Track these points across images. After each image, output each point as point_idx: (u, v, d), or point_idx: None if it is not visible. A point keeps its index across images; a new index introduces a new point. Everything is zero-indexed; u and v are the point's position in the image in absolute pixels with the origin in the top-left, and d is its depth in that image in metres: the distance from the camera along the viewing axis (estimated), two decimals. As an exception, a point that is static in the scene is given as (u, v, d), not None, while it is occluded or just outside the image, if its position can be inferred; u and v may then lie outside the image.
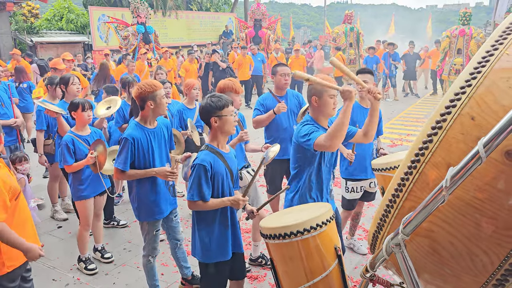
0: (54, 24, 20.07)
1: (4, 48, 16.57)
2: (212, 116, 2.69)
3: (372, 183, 4.13)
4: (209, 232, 2.76)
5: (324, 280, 2.25)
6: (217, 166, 2.71)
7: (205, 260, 2.81)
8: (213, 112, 2.69)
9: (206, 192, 2.65)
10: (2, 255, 2.62)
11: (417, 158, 1.76)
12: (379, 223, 1.99)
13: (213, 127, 2.74)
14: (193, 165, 2.70)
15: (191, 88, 4.94)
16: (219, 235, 2.77)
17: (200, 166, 2.64)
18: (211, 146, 2.77)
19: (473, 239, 1.66)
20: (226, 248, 2.80)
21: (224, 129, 2.75)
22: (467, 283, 1.76)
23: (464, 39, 12.63)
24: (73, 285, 3.90)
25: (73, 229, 4.93)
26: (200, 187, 2.64)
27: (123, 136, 3.24)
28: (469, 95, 1.66)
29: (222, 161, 2.75)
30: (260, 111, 4.40)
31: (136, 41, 13.01)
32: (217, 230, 2.77)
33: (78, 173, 3.95)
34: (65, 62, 7.61)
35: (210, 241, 2.75)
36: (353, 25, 15.62)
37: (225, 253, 2.80)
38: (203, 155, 2.71)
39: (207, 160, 2.66)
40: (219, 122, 2.71)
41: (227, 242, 2.80)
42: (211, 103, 2.70)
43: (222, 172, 2.74)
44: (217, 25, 24.57)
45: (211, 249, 2.76)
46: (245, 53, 12.88)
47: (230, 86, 3.80)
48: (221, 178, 2.74)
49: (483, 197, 1.61)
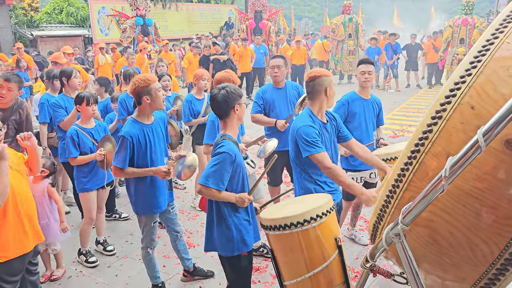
0: (54, 17, 19.99)
1: (4, 42, 16.53)
2: (236, 104, 2.68)
3: (373, 173, 4.12)
4: (232, 224, 2.69)
5: (325, 271, 2.26)
6: (239, 157, 2.67)
7: (230, 253, 2.73)
8: (237, 100, 2.68)
9: (225, 183, 2.59)
10: None
11: (417, 148, 1.75)
12: (379, 213, 2.00)
13: (232, 115, 2.70)
14: (217, 151, 2.60)
15: (200, 79, 4.92)
16: (243, 227, 2.72)
17: (228, 155, 2.56)
18: (229, 136, 2.71)
19: (473, 229, 1.66)
20: (251, 237, 2.77)
21: (241, 116, 2.77)
22: (467, 272, 1.76)
23: (466, 29, 12.54)
24: (75, 278, 3.93)
25: (75, 222, 4.95)
26: (222, 176, 2.56)
27: (120, 134, 3.19)
28: (469, 84, 1.65)
29: (239, 151, 2.73)
30: (259, 104, 4.39)
31: (134, 33, 12.96)
32: (241, 222, 2.72)
33: (83, 165, 3.97)
34: (66, 56, 7.60)
35: (238, 232, 2.69)
36: (352, 16, 15.51)
37: (251, 242, 2.78)
38: (228, 144, 2.62)
39: (234, 151, 2.60)
40: (239, 110, 2.71)
41: (250, 233, 2.76)
42: (234, 91, 2.69)
43: (242, 163, 2.71)
44: (217, 17, 24.43)
45: (239, 240, 2.70)
46: (246, 45, 12.81)
47: (227, 77, 3.81)
48: (242, 170, 2.70)
49: (483, 186, 1.60)
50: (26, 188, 2.81)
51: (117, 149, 3.19)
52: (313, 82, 3.01)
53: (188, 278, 3.80)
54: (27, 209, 2.76)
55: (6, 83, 4.23)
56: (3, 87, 4.23)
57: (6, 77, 4.24)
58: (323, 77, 3.01)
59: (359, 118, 3.97)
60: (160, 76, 5.49)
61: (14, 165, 2.73)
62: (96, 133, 4.03)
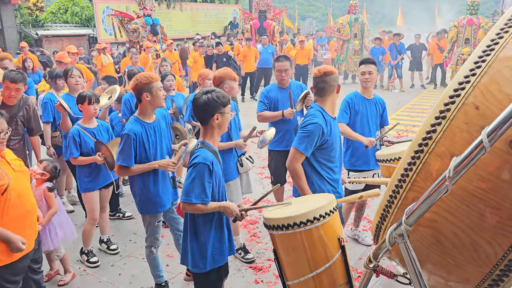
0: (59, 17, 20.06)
1: (10, 41, 16.61)
2: (216, 113, 2.53)
3: (376, 174, 4.11)
4: (206, 239, 2.58)
5: (328, 271, 2.25)
6: (216, 166, 2.56)
7: (202, 269, 2.61)
8: (218, 108, 2.52)
9: (208, 195, 2.47)
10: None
11: (420, 148, 1.75)
12: (383, 213, 1.99)
13: (212, 124, 2.56)
14: (194, 163, 2.48)
15: (205, 79, 4.91)
16: (217, 240, 2.63)
17: (204, 166, 2.44)
18: (207, 144, 2.59)
19: (477, 230, 1.65)
20: (224, 252, 2.67)
21: (223, 127, 2.61)
22: (471, 273, 1.75)
23: (472, 29, 12.47)
24: (79, 276, 3.94)
25: (79, 221, 4.97)
26: (203, 189, 2.45)
27: (124, 132, 3.18)
28: (473, 84, 1.64)
29: (218, 161, 2.61)
30: (264, 104, 4.41)
31: (145, 33, 13.02)
32: (214, 236, 2.61)
33: (84, 165, 3.97)
34: (70, 55, 7.63)
35: (209, 248, 2.58)
36: (358, 16, 15.47)
37: (223, 258, 2.67)
38: (204, 153, 2.50)
39: (210, 159, 2.48)
40: (220, 119, 2.55)
41: (223, 246, 2.66)
42: (217, 98, 2.52)
43: (219, 173, 2.61)
44: (221, 17, 24.45)
45: (209, 257, 2.59)
46: (250, 44, 12.80)
47: (228, 74, 3.86)
48: (218, 180, 2.59)
49: (487, 187, 1.60)
50: (28, 189, 2.81)
51: (121, 147, 3.17)
52: (329, 77, 2.98)
53: (191, 277, 3.79)
54: (29, 210, 2.77)
55: (14, 85, 4.23)
56: (11, 89, 4.24)
57: (12, 79, 4.23)
58: (336, 74, 3.04)
59: (362, 117, 3.96)
60: (164, 76, 5.50)
61: (16, 167, 2.74)
62: (98, 133, 4.04)
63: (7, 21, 16.69)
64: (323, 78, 2.98)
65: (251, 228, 4.73)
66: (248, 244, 4.33)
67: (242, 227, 4.67)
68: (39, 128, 4.75)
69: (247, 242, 4.33)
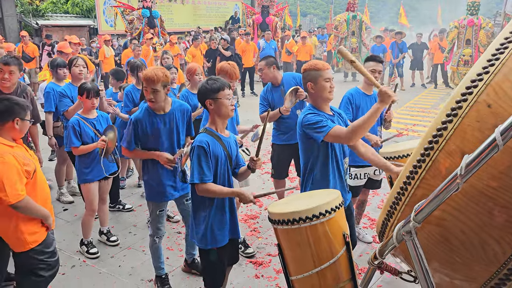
0: (60, 7, 19.92)
1: (10, 30, 16.51)
2: (207, 99, 2.70)
3: (377, 170, 4.10)
4: (206, 217, 2.74)
5: (332, 267, 2.25)
6: (215, 148, 2.69)
7: (204, 246, 2.79)
8: (208, 94, 2.69)
9: (207, 174, 2.62)
10: (23, 233, 2.76)
11: (430, 145, 1.74)
12: (389, 210, 1.99)
13: (209, 110, 2.75)
14: (191, 147, 2.70)
15: (194, 74, 4.91)
16: (217, 221, 2.75)
17: (199, 148, 2.63)
18: (209, 129, 2.77)
19: (486, 228, 1.65)
20: (224, 233, 2.78)
21: (220, 113, 2.73)
22: (478, 272, 1.75)
23: (473, 29, 12.44)
24: (79, 267, 3.93)
25: (79, 212, 4.95)
26: (201, 168, 2.61)
27: (130, 117, 3.37)
28: (486, 82, 1.63)
29: (221, 144, 2.73)
30: (264, 105, 4.46)
31: (141, 25, 12.92)
32: (215, 215, 2.74)
33: (84, 156, 3.96)
34: (72, 46, 7.58)
35: (208, 226, 2.74)
36: (356, 13, 15.37)
37: (222, 238, 2.78)
38: (201, 136, 2.70)
39: (204, 141, 2.65)
40: (214, 105, 2.71)
41: (225, 228, 2.78)
42: (207, 85, 2.71)
43: (219, 155, 2.72)
44: (223, 11, 24.35)
45: (209, 234, 2.74)
46: (249, 39, 12.78)
47: (225, 69, 3.82)
48: (217, 160, 2.71)
49: (497, 185, 1.59)
50: (42, 174, 2.99)
51: (125, 131, 3.37)
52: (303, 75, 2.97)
53: (186, 268, 3.82)
54: (48, 191, 3.01)
55: (7, 67, 4.24)
56: (4, 72, 4.24)
57: (5, 61, 4.25)
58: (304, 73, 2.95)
59: (363, 113, 3.93)
60: (167, 68, 5.47)
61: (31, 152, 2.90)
62: (98, 124, 4.03)
63: (7, 10, 16.58)
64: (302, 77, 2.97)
65: (251, 223, 4.73)
66: (249, 239, 4.33)
67: (243, 222, 4.67)
68: (38, 117, 4.72)
69: (247, 237, 4.33)
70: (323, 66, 2.91)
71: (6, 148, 2.69)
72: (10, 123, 2.75)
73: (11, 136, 2.79)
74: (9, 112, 2.75)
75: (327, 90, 2.89)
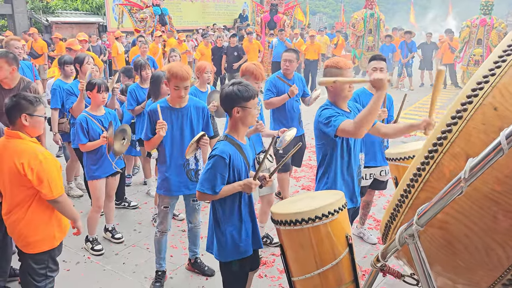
0: (70, 4, 20.06)
1: (20, 27, 16.65)
2: (236, 106, 2.51)
3: (383, 171, 4.08)
4: (226, 229, 2.61)
5: (334, 268, 2.23)
6: (236, 159, 2.56)
7: (224, 259, 2.66)
8: (238, 102, 2.50)
9: (220, 186, 2.50)
10: (56, 227, 2.84)
11: (434, 148, 1.72)
12: (393, 213, 1.96)
13: (234, 117, 2.56)
14: (212, 155, 2.51)
15: (203, 72, 4.90)
16: (237, 233, 2.62)
17: (220, 158, 2.48)
18: (230, 137, 2.60)
19: (490, 232, 1.62)
20: (246, 244, 2.65)
21: (246, 121, 2.58)
22: (481, 276, 1.72)
23: (485, 29, 12.30)
24: (83, 264, 3.96)
25: (85, 208, 4.98)
26: (215, 181, 2.48)
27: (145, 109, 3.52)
28: (492, 84, 1.60)
29: (241, 153, 2.60)
30: (272, 92, 4.57)
31: (153, 23, 12.97)
32: (234, 227, 2.62)
33: (92, 153, 3.98)
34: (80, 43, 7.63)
35: (227, 239, 2.60)
36: (374, 11, 15.19)
37: (245, 250, 2.65)
38: (223, 145, 2.53)
39: (227, 152, 2.50)
40: (241, 113, 2.53)
41: (245, 238, 2.65)
42: (238, 92, 2.49)
43: (240, 165, 2.60)
44: (232, 9, 24.34)
45: (229, 247, 2.61)
46: (252, 38, 12.79)
47: (250, 69, 3.74)
48: (238, 172, 2.59)
49: (502, 189, 1.56)
50: None
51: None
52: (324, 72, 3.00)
53: (189, 267, 3.83)
54: None
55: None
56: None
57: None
58: (325, 70, 3.00)
59: None
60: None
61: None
62: (105, 121, 4.03)
63: (17, 6, 16.73)
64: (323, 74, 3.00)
65: (256, 222, 4.73)
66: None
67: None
68: None
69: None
70: (345, 65, 2.91)
71: (39, 146, 2.72)
72: (19, 120, 2.68)
73: (27, 134, 2.72)
74: (16, 108, 2.68)
75: (347, 89, 2.91)
